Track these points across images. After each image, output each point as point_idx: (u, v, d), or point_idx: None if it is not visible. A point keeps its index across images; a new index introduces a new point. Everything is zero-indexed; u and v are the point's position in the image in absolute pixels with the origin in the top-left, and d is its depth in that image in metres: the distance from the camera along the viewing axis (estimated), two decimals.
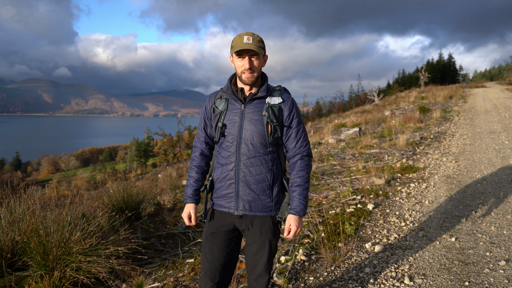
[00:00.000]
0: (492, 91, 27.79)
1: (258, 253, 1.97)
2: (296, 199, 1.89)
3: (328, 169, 6.96)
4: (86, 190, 11.22)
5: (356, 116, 19.21)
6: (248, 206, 1.90)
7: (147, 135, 68.93)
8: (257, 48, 1.80)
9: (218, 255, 1.97)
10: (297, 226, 1.88)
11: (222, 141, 1.95)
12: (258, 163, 1.89)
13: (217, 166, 1.99)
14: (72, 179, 43.09)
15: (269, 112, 1.87)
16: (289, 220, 1.90)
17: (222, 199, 1.96)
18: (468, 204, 4.54)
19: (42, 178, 57.05)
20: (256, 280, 2.03)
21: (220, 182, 1.96)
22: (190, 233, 4.48)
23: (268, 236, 1.95)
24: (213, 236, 1.99)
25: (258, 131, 1.88)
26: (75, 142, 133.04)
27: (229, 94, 1.93)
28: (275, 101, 1.89)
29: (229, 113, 1.92)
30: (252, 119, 1.88)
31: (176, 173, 15.62)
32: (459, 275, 2.86)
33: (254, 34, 1.83)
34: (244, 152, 1.89)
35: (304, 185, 1.90)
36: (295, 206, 1.89)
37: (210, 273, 1.98)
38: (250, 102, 1.91)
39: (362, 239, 3.68)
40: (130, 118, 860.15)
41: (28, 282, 2.76)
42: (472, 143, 8.59)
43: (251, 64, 1.83)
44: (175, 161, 23.35)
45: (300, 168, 1.92)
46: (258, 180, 1.89)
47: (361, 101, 47.74)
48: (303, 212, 1.89)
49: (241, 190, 1.90)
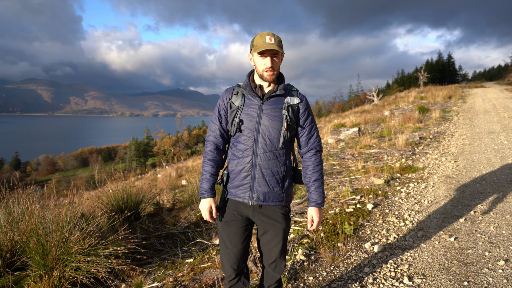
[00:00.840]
0: (491, 91, 27.83)
1: (272, 241, 2.06)
2: (315, 192, 2.04)
3: (328, 169, 6.96)
4: (85, 190, 11.20)
5: (356, 116, 19.22)
6: (262, 196, 1.99)
7: (147, 135, 68.91)
8: (279, 48, 1.90)
9: (236, 241, 2.07)
10: (319, 217, 2.04)
11: (239, 135, 2.02)
12: (273, 157, 1.98)
13: (233, 158, 2.05)
14: (71, 179, 43.04)
15: (289, 111, 1.98)
16: (311, 212, 2.06)
17: (238, 189, 2.03)
18: (467, 204, 4.55)
19: (42, 178, 57.00)
20: (271, 266, 2.12)
21: (236, 173, 2.03)
22: (189, 233, 4.48)
23: (282, 225, 2.05)
24: (229, 224, 2.07)
25: (275, 127, 1.97)
26: (75, 142, 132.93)
27: (247, 90, 2.01)
28: (293, 101, 2.01)
29: (246, 109, 2.00)
30: (270, 115, 1.97)
31: (176, 173, 15.61)
32: (458, 275, 2.87)
33: (274, 34, 1.94)
34: (261, 146, 1.97)
35: (321, 179, 2.06)
36: (315, 199, 2.04)
37: (230, 259, 2.09)
38: (268, 99, 2.00)
39: (361, 239, 3.68)
40: (130, 118, 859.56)
41: (27, 282, 2.76)
42: (471, 143, 8.60)
43: (273, 63, 1.93)
44: (175, 161, 23.37)
45: (315, 163, 2.07)
46: (273, 172, 1.99)
47: (360, 101, 47.77)
48: (323, 204, 2.05)
49: (257, 182, 1.98)
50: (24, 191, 3.82)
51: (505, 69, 73.50)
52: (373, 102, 29.40)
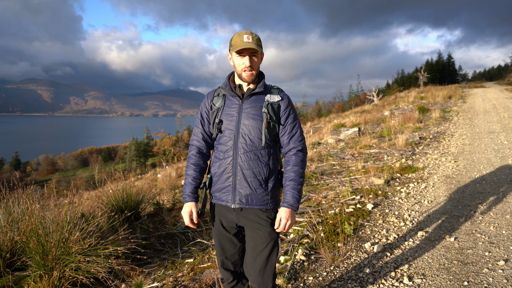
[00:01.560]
0: (491, 91, 27.83)
1: (257, 246, 1.96)
2: (289, 192, 1.91)
3: (328, 169, 6.96)
4: (85, 190, 11.21)
5: (356, 116, 19.21)
6: (245, 199, 1.92)
7: (147, 135, 68.90)
8: (257, 46, 1.86)
9: (228, 247, 2.07)
10: (287, 219, 1.88)
11: (220, 136, 1.98)
12: (254, 157, 1.92)
13: (215, 160, 2.02)
14: (71, 179, 43.04)
15: (269, 109, 1.93)
16: (280, 212, 1.90)
17: (221, 192, 1.98)
18: (467, 204, 4.55)
19: (41, 178, 56.99)
20: (256, 281, 2.00)
21: (218, 176, 1.99)
22: (189, 233, 4.48)
23: (266, 230, 1.95)
24: (220, 231, 2.06)
25: (255, 126, 1.92)
26: (75, 142, 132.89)
27: (227, 91, 1.98)
28: (274, 99, 1.96)
29: (226, 109, 1.97)
30: (250, 113, 1.93)
31: (176, 173, 15.62)
32: (458, 275, 2.87)
33: (252, 33, 1.90)
34: (242, 146, 1.92)
35: (298, 179, 1.93)
36: (287, 199, 1.91)
37: (225, 264, 2.11)
38: (248, 97, 1.96)
39: (361, 239, 3.68)
40: (130, 118, 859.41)
41: (27, 282, 2.76)
42: (471, 143, 8.60)
43: (252, 63, 1.89)
44: (175, 161, 23.39)
45: (294, 163, 1.95)
46: (255, 173, 1.91)
47: (360, 101, 47.76)
48: (295, 206, 1.90)
49: (238, 184, 1.92)
50: (24, 191, 3.81)
51: (505, 69, 73.52)
52: (373, 102, 29.40)
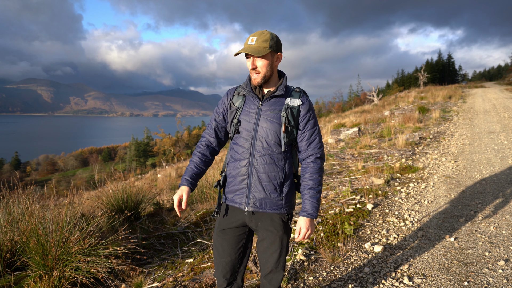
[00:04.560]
0: (491, 91, 27.84)
1: (268, 249, 1.97)
2: (308, 201, 1.89)
3: (328, 169, 6.96)
4: (85, 190, 11.20)
5: (356, 116, 19.21)
6: (259, 203, 1.90)
7: (147, 135, 68.94)
8: (256, 50, 1.79)
9: (229, 251, 2.00)
10: (307, 228, 1.88)
11: (237, 136, 1.95)
12: (270, 161, 1.89)
13: (231, 161, 1.99)
14: (71, 179, 43.04)
15: (288, 113, 1.87)
16: (299, 222, 1.90)
17: (234, 194, 1.96)
18: (467, 204, 4.55)
19: (41, 178, 56.98)
20: (267, 277, 2.03)
21: (233, 177, 1.96)
22: (189, 233, 4.48)
23: (278, 233, 1.94)
24: (224, 232, 2.01)
25: (273, 129, 1.88)
26: (75, 142, 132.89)
27: (247, 91, 1.94)
28: (294, 103, 1.90)
29: (245, 110, 1.93)
30: (269, 116, 1.88)
31: (176, 173, 15.61)
32: (458, 275, 2.87)
33: (262, 33, 1.83)
34: (258, 149, 1.88)
35: (317, 188, 1.91)
36: (307, 208, 1.89)
37: (221, 268, 2.02)
38: (268, 99, 1.91)
39: (361, 239, 3.68)
40: (130, 118, 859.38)
41: (27, 282, 2.76)
42: (471, 143, 8.60)
43: (256, 65, 1.84)
44: (175, 161, 23.40)
45: (313, 171, 1.92)
46: (270, 177, 1.89)
47: (360, 101, 47.76)
48: (315, 215, 1.89)
49: (253, 187, 1.90)
50: (24, 191, 3.81)
51: (505, 69, 73.51)
52: (373, 102, 29.39)
